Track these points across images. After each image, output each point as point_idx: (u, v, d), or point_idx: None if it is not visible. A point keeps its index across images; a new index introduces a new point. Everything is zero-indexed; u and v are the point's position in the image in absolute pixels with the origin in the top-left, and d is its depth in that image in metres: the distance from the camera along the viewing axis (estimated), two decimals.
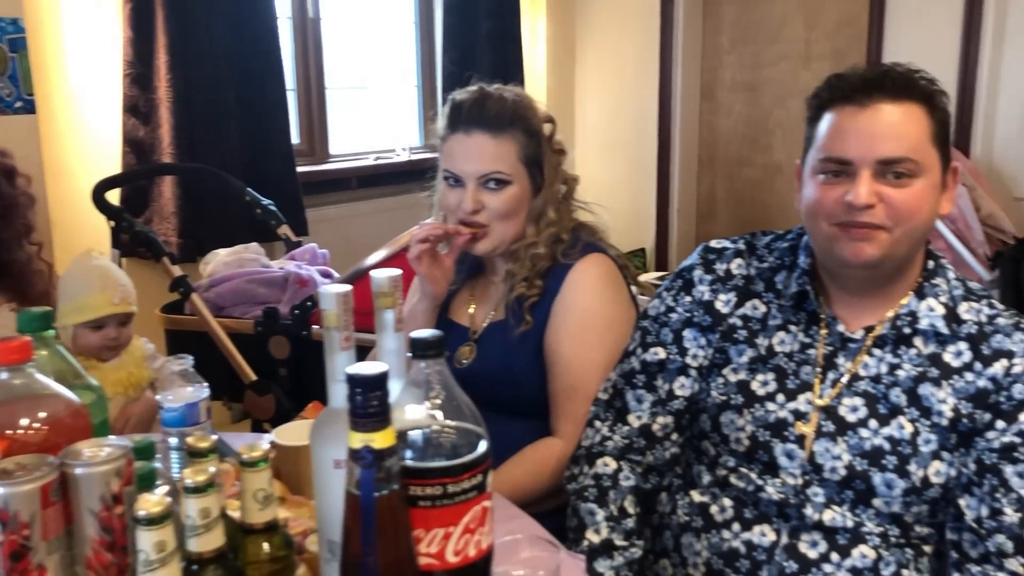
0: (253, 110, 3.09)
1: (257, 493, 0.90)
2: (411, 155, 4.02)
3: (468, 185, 1.53)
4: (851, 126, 1.16)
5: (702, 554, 1.28)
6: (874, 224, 1.15)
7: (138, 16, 2.76)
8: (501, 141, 1.53)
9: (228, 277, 2.40)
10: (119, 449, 0.81)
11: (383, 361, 1.06)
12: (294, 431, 1.36)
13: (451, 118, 1.57)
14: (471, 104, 1.55)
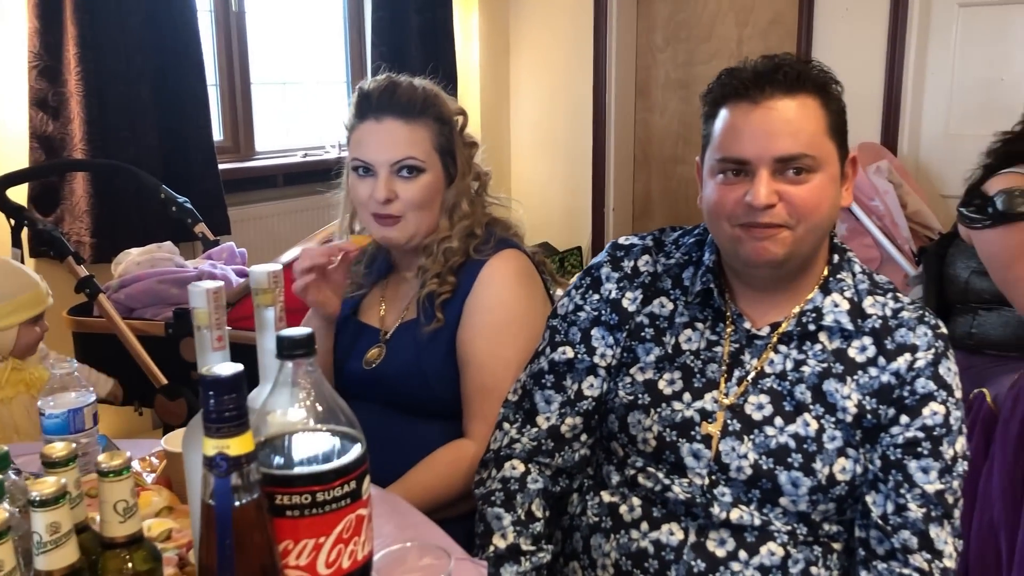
0: (171, 105, 2.99)
1: (117, 504, 0.84)
2: (340, 152, 3.93)
3: (380, 173, 1.47)
4: (746, 124, 1.13)
5: (611, 555, 1.24)
6: (776, 224, 1.12)
7: (44, 5, 2.65)
8: (414, 128, 1.48)
9: (139, 277, 2.31)
10: None
11: (264, 362, 1.01)
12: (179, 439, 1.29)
13: (360, 106, 1.51)
14: (381, 91, 1.49)
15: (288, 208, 3.64)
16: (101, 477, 0.83)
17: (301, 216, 3.68)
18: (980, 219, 2.19)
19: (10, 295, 1.80)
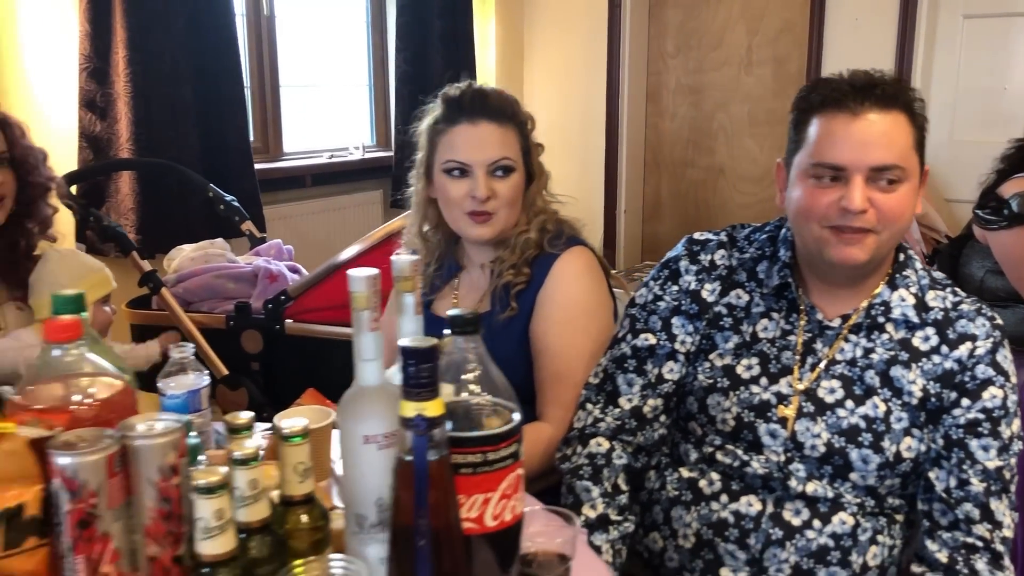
0: (211, 106, 3.08)
1: (297, 466, 0.94)
2: (364, 153, 4.04)
3: (477, 173, 1.58)
4: (844, 134, 1.23)
5: (692, 525, 1.35)
6: (865, 228, 1.23)
7: (95, 10, 2.73)
8: (505, 130, 1.60)
9: (196, 272, 2.40)
10: (174, 423, 0.85)
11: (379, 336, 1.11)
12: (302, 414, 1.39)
13: (451, 110, 1.61)
14: (473, 96, 1.61)
15: (315, 208, 3.74)
16: (283, 441, 0.93)
17: (327, 216, 3.78)
18: (996, 221, 2.32)
19: (79, 279, 1.85)
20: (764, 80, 4.30)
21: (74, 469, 0.78)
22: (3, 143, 1.85)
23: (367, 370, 1.03)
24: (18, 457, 0.77)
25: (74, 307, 0.98)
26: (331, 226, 3.77)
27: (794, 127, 1.31)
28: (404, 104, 3.94)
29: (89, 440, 0.80)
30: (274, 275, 2.38)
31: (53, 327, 0.86)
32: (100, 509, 0.79)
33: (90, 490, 0.78)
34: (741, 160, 4.42)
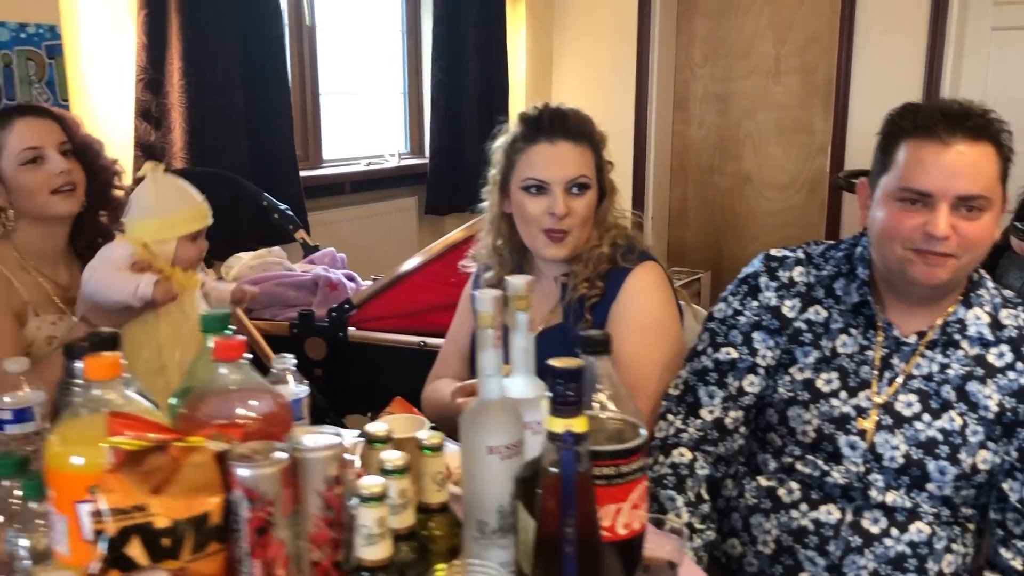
0: (259, 116, 3.14)
1: (435, 475, 1.00)
2: (399, 161, 4.10)
3: (555, 190, 1.64)
4: (934, 162, 1.28)
5: (771, 532, 1.42)
6: (947, 253, 1.29)
7: (152, 22, 2.79)
8: (582, 149, 1.67)
9: (257, 280, 2.46)
10: (336, 437, 0.91)
11: (515, 358, 1.17)
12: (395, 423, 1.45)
13: (530, 129, 1.68)
14: (552, 116, 1.68)
15: (353, 215, 3.80)
16: (424, 452, 1.00)
17: (365, 222, 3.84)
18: None
19: (172, 210, 1.84)
20: (792, 89, 4.35)
21: (254, 480, 0.84)
22: (62, 134, 1.91)
23: (490, 385, 1.09)
24: (205, 469, 0.83)
25: (220, 326, 1.04)
26: (369, 232, 3.83)
27: (881, 150, 1.36)
28: (439, 112, 4.00)
29: (262, 453, 0.86)
30: (334, 283, 2.44)
31: (222, 347, 0.92)
32: (275, 517, 0.85)
33: (267, 499, 0.84)
34: (768, 167, 4.48)
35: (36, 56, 2.23)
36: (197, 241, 1.88)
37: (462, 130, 4.06)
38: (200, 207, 1.88)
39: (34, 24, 2.23)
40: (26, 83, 2.22)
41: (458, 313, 1.98)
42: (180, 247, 1.85)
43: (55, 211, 1.88)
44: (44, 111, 1.93)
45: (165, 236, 1.83)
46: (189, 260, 1.87)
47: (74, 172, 1.90)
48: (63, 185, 1.87)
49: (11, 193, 1.87)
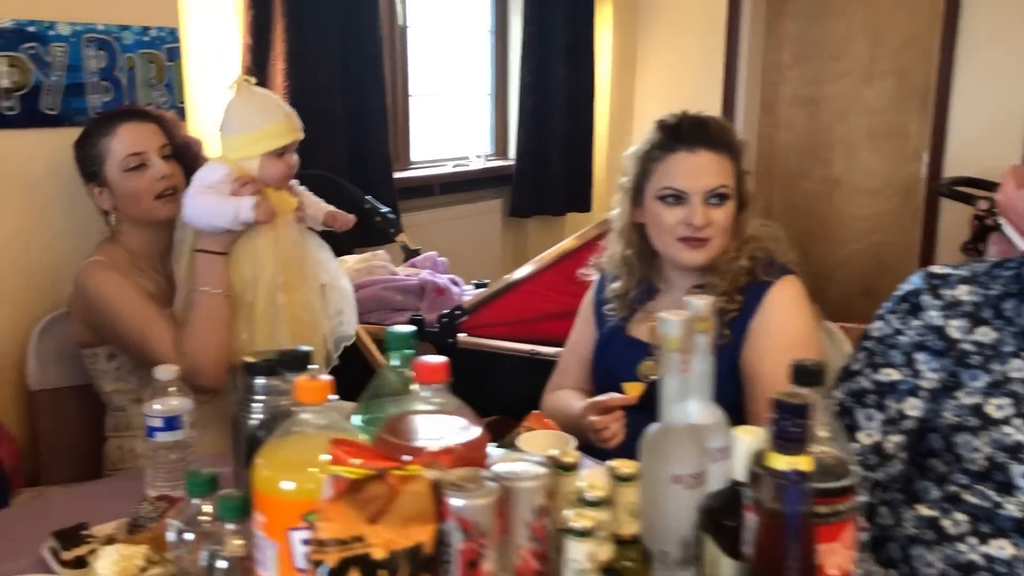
0: (356, 117, 3.14)
1: (629, 506, 0.96)
2: (486, 162, 4.09)
3: (694, 200, 1.60)
4: None
5: (935, 565, 1.35)
6: None
7: (258, 23, 2.80)
8: (722, 158, 1.63)
9: (363, 284, 2.45)
10: (542, 466, 0.88)
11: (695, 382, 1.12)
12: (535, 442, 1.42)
13: (668, 138, 1.64)
14: (692, 124, 1.63)
15: (440, 216, 3.79)
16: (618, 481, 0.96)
17: (452, 224, 3.83)
18: None
19: (255, 126, 1.79)
20: (885, 92, 4.24)
21: (469, 511, 0.81)
22: (163, 136, 1.92)
23: (675, 410, 1.05)
24: (421, 498, 0.80)
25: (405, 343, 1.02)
26: (454, 234, 3.81)
27: None
28: (527, 114, 3.97)
29: (472, 481, 0.83)
30: (441, 288, 2.42)
31: (425, 369, 0.89)
32: (487, 549, 0.82)
33: (481, 531, 0.81)
34: (859, 173, 4.37)
35: (157, 59, 2.25)
36: (284, 158, 1.82)
37: (548, 132, 4.03)
38: (282, 123, 1.80)
39: (156, 27, 2.24)
40: (147, 86, 2.23)
41: (578, 322, 1.94)
42: (264, 164, 1.80)
43: (158, 215, 1.90)
44: (145, 114, 1.94)
45: (247, 153, 1.79)
46: (274, 178, 1.82)
47: (175, 176, 1.91)
48: (165, 189, 1.89)
49: (116, 198, 1.89)
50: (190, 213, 1.78)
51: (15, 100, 2.00)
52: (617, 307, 1.82)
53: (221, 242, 1.79)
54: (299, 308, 1.85)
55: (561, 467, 0.98)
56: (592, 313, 1.88)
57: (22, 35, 1.99)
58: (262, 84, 2.84)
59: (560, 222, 4.32)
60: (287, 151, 1.82)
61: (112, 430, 1.96)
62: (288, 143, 1.81)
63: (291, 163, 1.83)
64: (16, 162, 2.03)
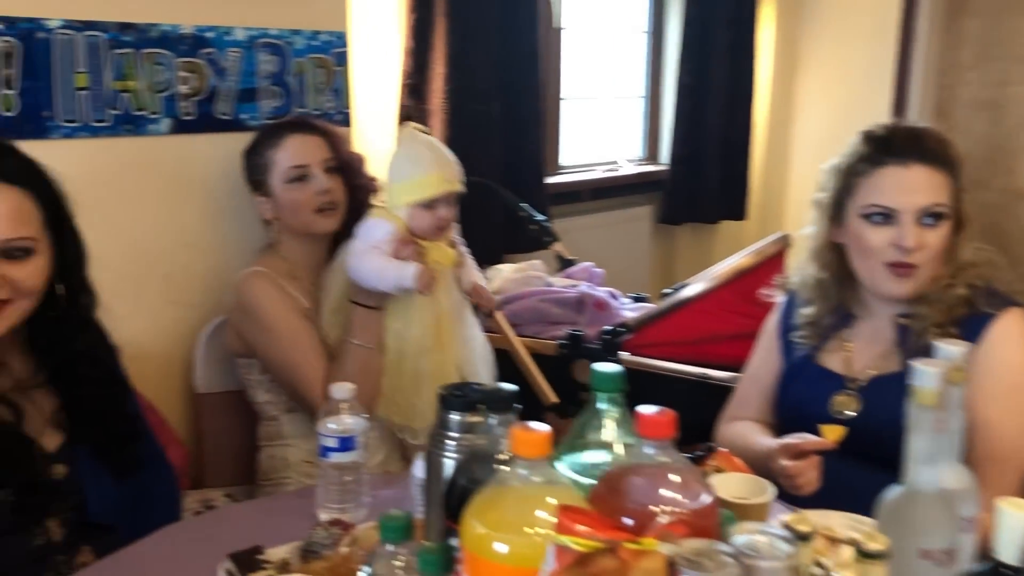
0: (512, 122, 3.07)
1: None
2: (636, 167, 3.96)
3: (904, 219, 1.45)
4: None
5: None
6: None
7: (420, 26, 2.77)
8: (938, 174, 1.49)
9: (521, 295, 2.38)
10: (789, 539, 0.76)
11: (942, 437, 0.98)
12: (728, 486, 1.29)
13: (877, 150, 1.49)
14: (906, 136, 1.49)
15: (588, 223, 3.69)
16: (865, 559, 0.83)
17: (600, 232, 3.72)
18: None
19: (405, 175, 1.75)
20: None
21: None
22: (328, 150, 1.91)
23: (925, 474, 0.91)
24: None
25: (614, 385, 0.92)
26: (603, 242, 3.70)
27: None
28: (682, 118, 3.83)
29: (708, 557, 0.73)
30: (601, 302, 2.32)
31: (650, 423, 0.79)
32: None
33: None
34: None
35: (326, 63, 2.24)
36: (433, 210, 1.76)
37: (704, 137, 3.87)
38: (432, 175, 1.74)
39: (325, 32, 2.23)
40: (315, 91, 2.23)
41: (760, 348, 1.80)
42: (413, 215, 1.75)
43: (317, 229, 1.89)
44: (312, 127, 1.93)
45: (396, 202, 1.76)
46: (422, 230, 1.77)
47: (336, 191, 1.90)
48: (325, 204, 1.88)
49: (278, 208, 1.89)
50: (355, 272, 1.77)
51: (192, 104, 2.02)
52: (808, 334, 1.67)
53: (378, 297, 1.76)
54: (449, 366, 1.81)
55: (867, 554, 0.85)
56: (777, 339, 1.73)
57: (200, 41, 2.00)
58: (421, 88, 2.83)
59: (712, 231, 4.15)
60: (437, 204, 1.76)
61: (265, 439, 1.96)
62: (436, 196, 1.75)
63: (441, 216, 1.77)
64: (191, 166, 2.06)
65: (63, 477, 1.40)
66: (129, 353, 1.90)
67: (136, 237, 1.99)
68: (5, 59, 1.72)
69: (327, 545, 1.24)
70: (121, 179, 1.94)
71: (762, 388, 1.75)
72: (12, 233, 1.30)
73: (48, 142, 1.79)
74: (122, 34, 1.88)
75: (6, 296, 1.30)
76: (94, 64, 1.84)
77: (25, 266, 1.32)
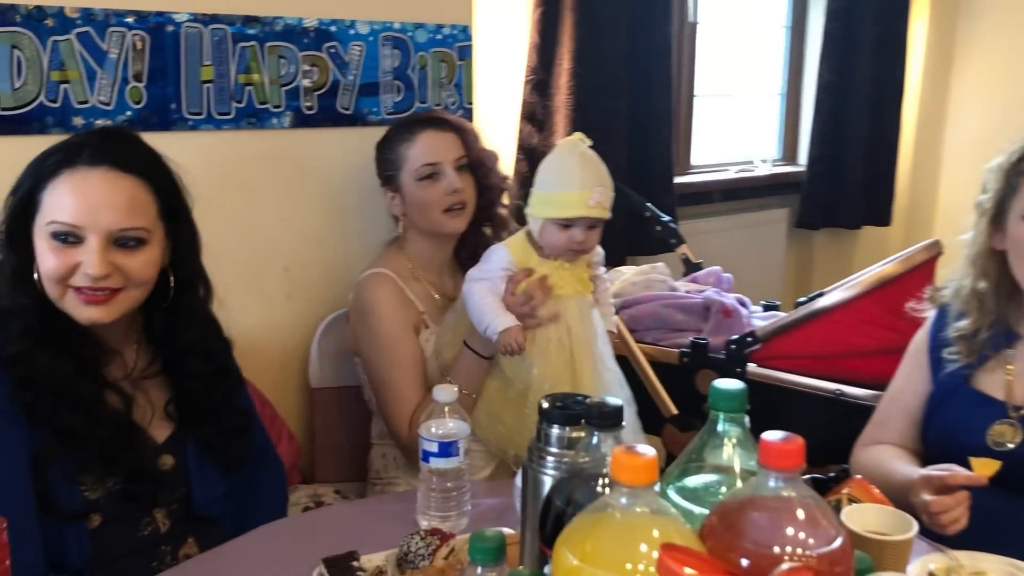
0: (639, 119, 2.97)
1: None
2: (772, 168, 3.77)
3: None
4: None
5: None
6: None
7: (546, 21, 2.70)
8: None
9: (641, 300, 2.27)
10: None
11: None
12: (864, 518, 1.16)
13: None
14: None
15: (718, 225, 3.53)
16: None
17: (730, 234, 3.55)
18: None
19: (547, 187, 1.68)
20: None
21: None
22: (461, 148, 1.86)
23: None
24: None
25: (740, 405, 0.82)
26: (734, 246, 3.54)
27: None
28: (823, 116, 3.63)
29: None
30: (728, 310, 2.18)
31: (775, 451, 0.69)
32: None
33: None
34: None
35: (448, 58, 2.21)
36: (569, 231, 1.65)
37: (846, 137, 3.66)
38: (573, 195, 1.63)
39: (449, 25, 2.19)
40: (437, 86, 2.19)
41: (906, 365, 1.63)
42: (545, 228, 1.67)
43: (445, 229, 1.86)
44: (447, 123, 1.89)
45: (533, 212, 1.69)
46: (550, 247, 1.68)
47: (466, 190, 1.85)
48: (455, 203, 1.83)
49: (406, 205, 1.85)
50: (465, 297, 1.71)
51: (314, 98, 2.01)
52: (962, 351, 1.50)
53: (490, 348, 1.69)
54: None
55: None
56: (926, 356, 1.57)
57: (324, 35, 2.00)
58: (546, 84, 2.76)
59: (853, 236, 3.91)
60: (575, 225, 1.65)
61: (377, 437, 1.94)
62: (572, 217, 1.64)
63: (575, 238, 1.66)
64: (314, 160, 2.06)
65: (170, 468, 1.40)
66: (245, 345, 1.91)
67: (256, 230, 2.01)
68: (135, 52, 1.75)
69: (423, 556, 1.18)
70: (243, 172, 1.96)
71: (906, 410, 1.59)
72: (126, 223, 1.30)
73: (173, 134, 1.82)
74: (247, 27, 1.89)
75: (118, 284, 1.31)
76: (219, 57, 1.86)
77: (137, 256, 1.32)
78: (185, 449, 1.42)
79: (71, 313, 1.31)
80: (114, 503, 1.33)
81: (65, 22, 1.67)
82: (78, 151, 1.31)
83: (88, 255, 1.27)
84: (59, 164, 1.30)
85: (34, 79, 1.66)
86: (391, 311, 1.80)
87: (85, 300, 1.29)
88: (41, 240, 1.29)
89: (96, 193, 1.29)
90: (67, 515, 1.28)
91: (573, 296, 1.70)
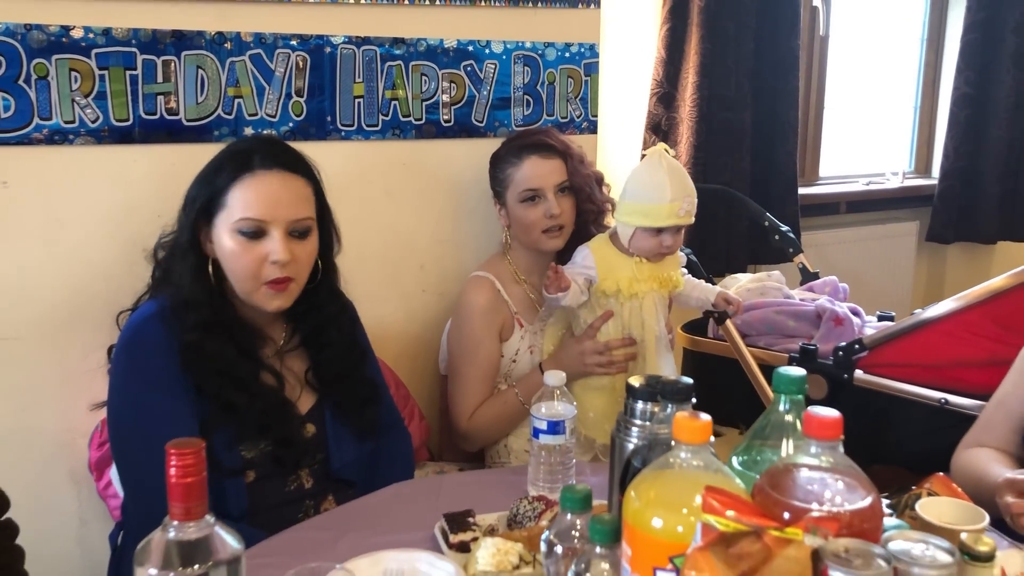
0: (763, 130, 3.04)
1: None
2: (903, 180, 3.74)
3: None
4: None
5: None
6: None
7: (673, 37, 2.82)
8: None
9: (756, 305, 2.36)
10: (948, 553, 0.75)
11: None
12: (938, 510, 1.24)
13: None
14: None
15: (844, 237, 3.54)
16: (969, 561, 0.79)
17: (857, 247, 3.56)
18: None
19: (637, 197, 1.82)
20: None
21: None
22: (564, 173, 1.99)
23: None
24: (798, 565, 0.72)
25: (796, 387, 0.94)
26: (860, 258, 3.54)
27: None
28: (958, 129, 3.57)
29: (860, 556, 0.74)
30: (839, 318, 2.24)
31: (816, 423, 0.81)
32: None
33: None
34: None
35: (575, 74, 2.36)
36: (659, 237, 1.83)
37: (984, 148, 3.59)
38: (664, 207, 1.78)
39: (577, 44, 2.35)
40: (564, 100, 2.35)
41: (1015, 372, 1.67)
42: (637, 235, 1.84)
43: (541, 247, 2.03)
44: (552, 149, 2.01)
45: (623, 220, 1.85)
46: (641, 251, 1.86)
47: (565, 214, 2.00)
48: (553, 226, 1.99)
49: (510, 220, 2.02)
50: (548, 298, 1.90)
51: (451, 112, 2.21)
52: None
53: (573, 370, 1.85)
54: None
55: (971, 555, 0.83)
56: None
57: (463, 54, 2.19)
58: (671, 96, 2.88)
59: (989, 251, 3.82)
60: (665, 231, 1.83)
61: None
62: (663, 227, 1.82)
63: (665, 244, 1.85)
64: (447, 168, 2.25)
65: (312, 436, 1.62)
66: (384, 333, 2.14)
67: (397, 230, 2.22)
68: (297, 71, 2.00)
69: (530, 517, 1.34)
70: (386, 178, 2.18)
71: (1010, 414, 1.64)
72: (300, 214, 1.54)
73: (328, 143, 2.05)
74: (394, 48, 2.11)
75: (293, 274, 1.54)
76: (369, 75, 2.09)
77: (306, 245, 1.56)
78: (324, 419, 1.64)
79: (261, 305, 1.55)
80: (266, 462, 1.55)
81: (241, 45, 1.93)
82: (249, 157, 1.55)
83: (273, 244, 1.51)
84: (237, 170, 1.53)
85: (213, 94, 1.92)
86: (480, 315, 2.00)
87: (275, 291, 1.53)
88: (226, 237, 1.53)
89: (274, 191, 1.53)
90: (229, 472, 1.50)
91: (649, 292, 1.87)
